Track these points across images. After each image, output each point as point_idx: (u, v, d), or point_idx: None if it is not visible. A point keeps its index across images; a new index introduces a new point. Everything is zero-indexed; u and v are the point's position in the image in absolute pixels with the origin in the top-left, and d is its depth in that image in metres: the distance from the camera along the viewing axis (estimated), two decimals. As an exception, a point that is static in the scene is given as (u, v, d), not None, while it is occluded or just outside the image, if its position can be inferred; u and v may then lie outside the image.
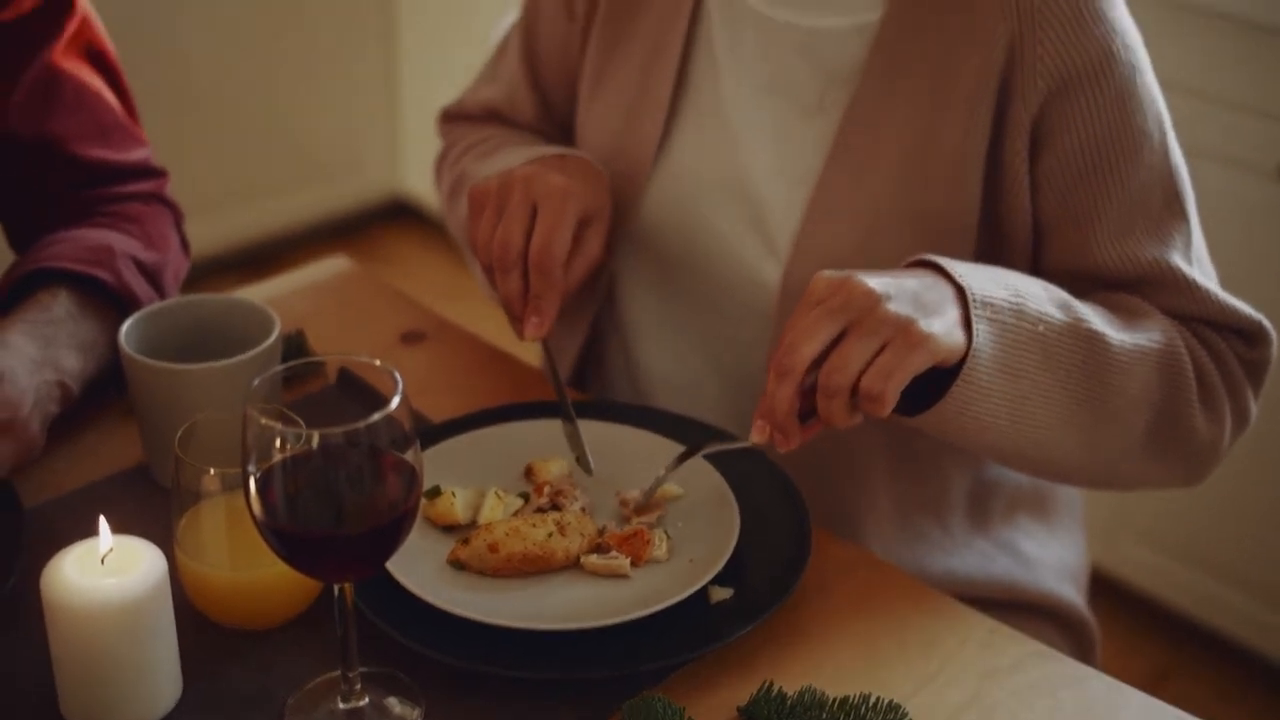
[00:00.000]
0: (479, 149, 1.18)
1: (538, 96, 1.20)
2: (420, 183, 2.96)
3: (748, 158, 1.06)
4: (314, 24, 2.77)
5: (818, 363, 0.86)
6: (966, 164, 0.99)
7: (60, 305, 0.98)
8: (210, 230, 2.70)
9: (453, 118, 1.26)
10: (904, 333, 0.84)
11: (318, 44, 2.79)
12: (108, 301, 1.02)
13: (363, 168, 2.96)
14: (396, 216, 3.03)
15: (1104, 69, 0.97)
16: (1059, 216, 1.01)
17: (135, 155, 1.15)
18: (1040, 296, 0.94)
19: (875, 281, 0.87)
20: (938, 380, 0.90)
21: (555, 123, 1.21)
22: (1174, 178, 1.01)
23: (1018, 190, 1.00)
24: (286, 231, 2.90)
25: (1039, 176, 1.00)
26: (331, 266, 1.29)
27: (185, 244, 1.17)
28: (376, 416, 0.74)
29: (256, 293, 1.23)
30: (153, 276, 1.06)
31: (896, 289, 0.87)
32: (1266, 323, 1.02)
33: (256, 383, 0.77)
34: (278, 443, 0.74)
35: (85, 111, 1.11)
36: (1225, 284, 1.07)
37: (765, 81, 1.05)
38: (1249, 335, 1.02)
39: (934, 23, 0.99)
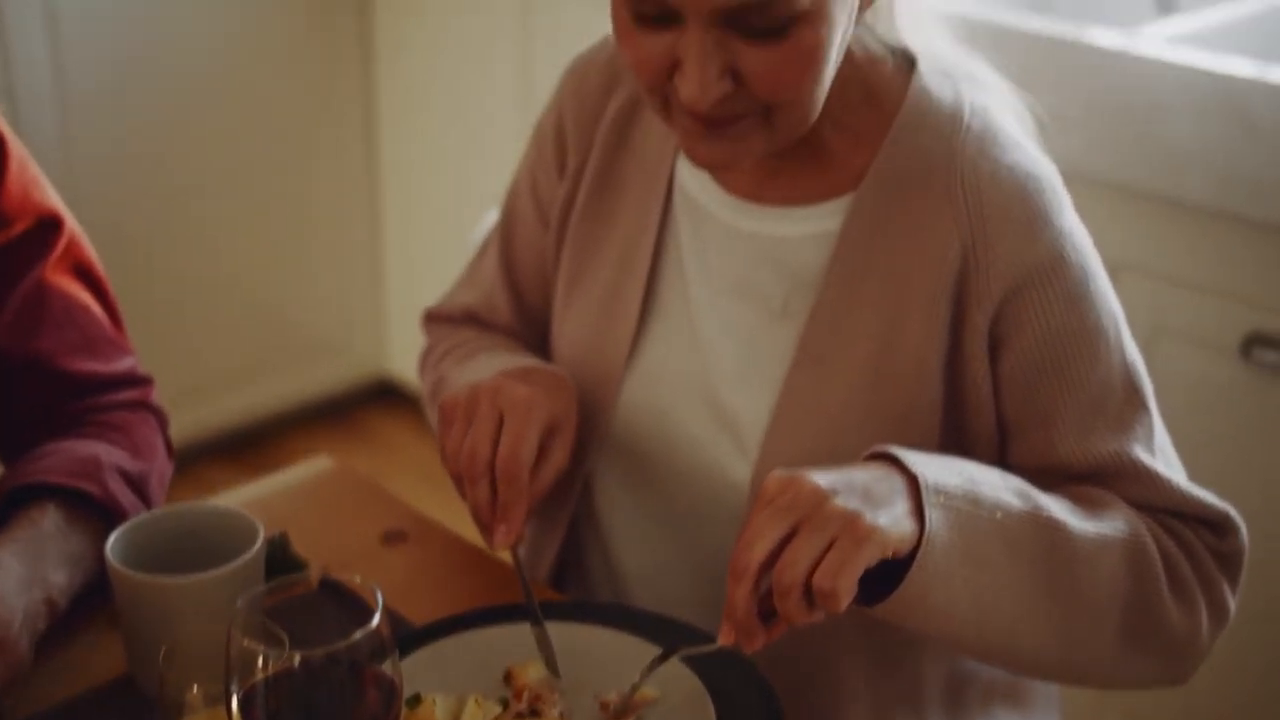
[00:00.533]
0: (456, 353, 1.23)
1: (514, 301, 1.24)
2: (406, 364, 2.99)
3: (716, 361, 1.09)
4: (299, 207, 2.83)
5: (772, 562, 0.87)
6: (927, 367, 1.02)
7: (49, 520, 1.01)
8: (195, 415, 2.73)
9: (435, 319, 1.31)
10: (850, 527, 0.86)
11: (302, 227, 2.85)
12: (95, 514, 1.04)
13: (349, 350, 3.00)
14: (383, 398, 3.06)
15: (1056, 272, 1.01)
16: (1022, 416, 1.04)
17: (121, 365, 1.18)
18: (997, 484, 0.96)
19: (823, 478, 0.89)
20: (903, 571, 0.92)
21: (531, 325, 1.25)
22: (1132, 372, 1.04)
23: (980, 392, 1.03)
24: (272, 415, 2.93)
25: (999, 377, 1.03)
26: (314, 466, 1.32)
27: (170, 448, 1.20)
28: (358, 635, 0.76)
29: (241, 495, 1.25)
30: (139, 486, 1.09)
31: (844, 484, 0.89)
32: (1233, 512, 1.04)
33: (240, 603, 0.79)
34: (260, 661, 0.76)
35: (73, 326, 1.15)
36: (1192, 462, 1.10)
37: (731, 287, 1.09)
38: (1216, 526, 1.04)
39: (891, 231, 1.04)
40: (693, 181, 1.12)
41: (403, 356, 2.98)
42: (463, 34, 2.62)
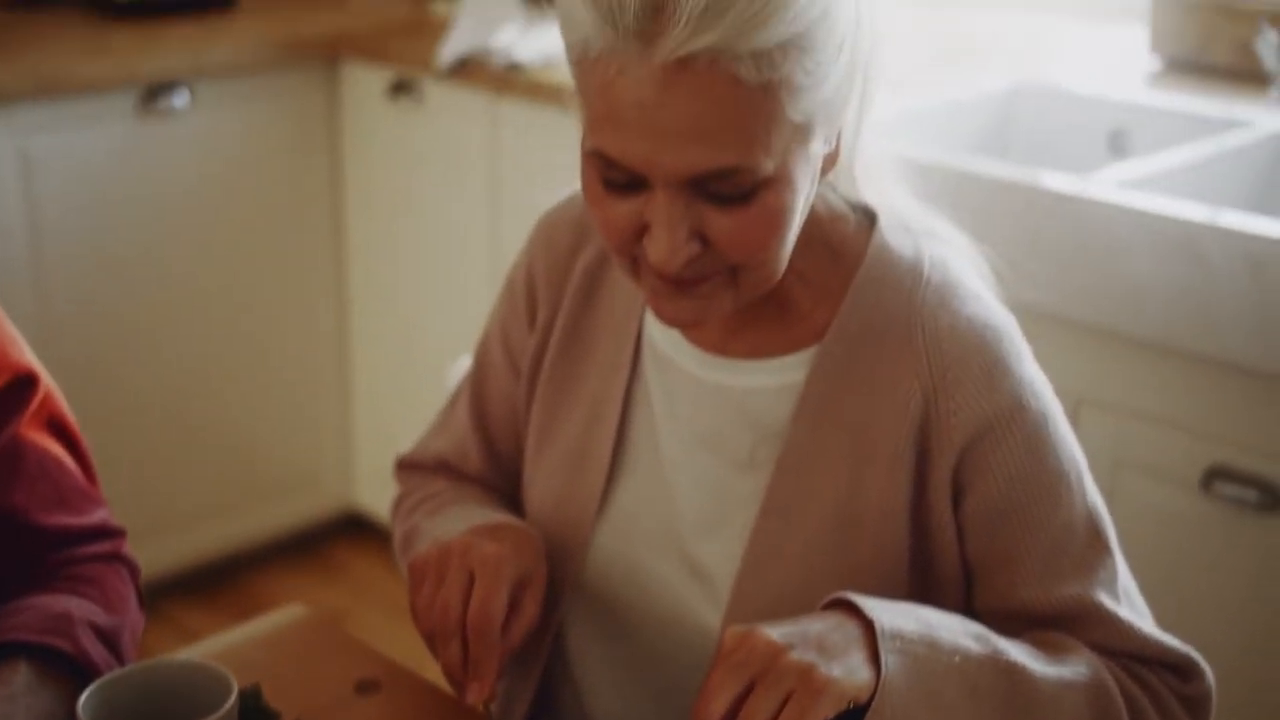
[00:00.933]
0: (428, 505, 1.24)
1: (486, 449, 1.26)
2: (374, 497, 2.99)
3: (685, 511, 1.11)
4: (267, 344, 2.85)
5: (732, 717, 0.88)
6: (893, 514, 1.04)
7: (20, 678, 1.01)
8: (164, 552, 2.72)
9: (408, 467, 1.32)
10: (806, 681, 0.88)
11: (269, 360, 2.86)
12: (67, 671, 1.04)
13: (317, 484, 3.00)
14: (352, 531, 3.05)
15: (1015, 419, 1.04)
16: (984, 558, 1.05)
17: (94, 518, 1.19)
18: (955, 629, 0.97)
19: (778, 632, 0.91)
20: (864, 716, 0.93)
21: (503, 474, 1.27)
22: (1094, 515, 1.06)
23: (944, 535, 1.05)
24: (241, 551, 2.91)
25: (962, 521, 1.05)
26: (287, 614, 1.32)
27: (142, 600, 1.20)
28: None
29: (212, 645, 1.25)
30: (111, 641, 1.09)
31: (800, 637, 0.91)
32: (1196, 655, 1.06)
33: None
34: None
35: (46, 481, 1.16)
36: (1155, 596, 1.11)
37: (700, 439, 1.11)
38: (1181, 670, 1.05)
39: (854, 382, 1.06)
40: (660, 336, 1.14)
41: (371, 490, 2.98)
42: (432, 177, 2.66)
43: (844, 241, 1.09)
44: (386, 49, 2.68)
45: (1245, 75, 2.20)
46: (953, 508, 1.05)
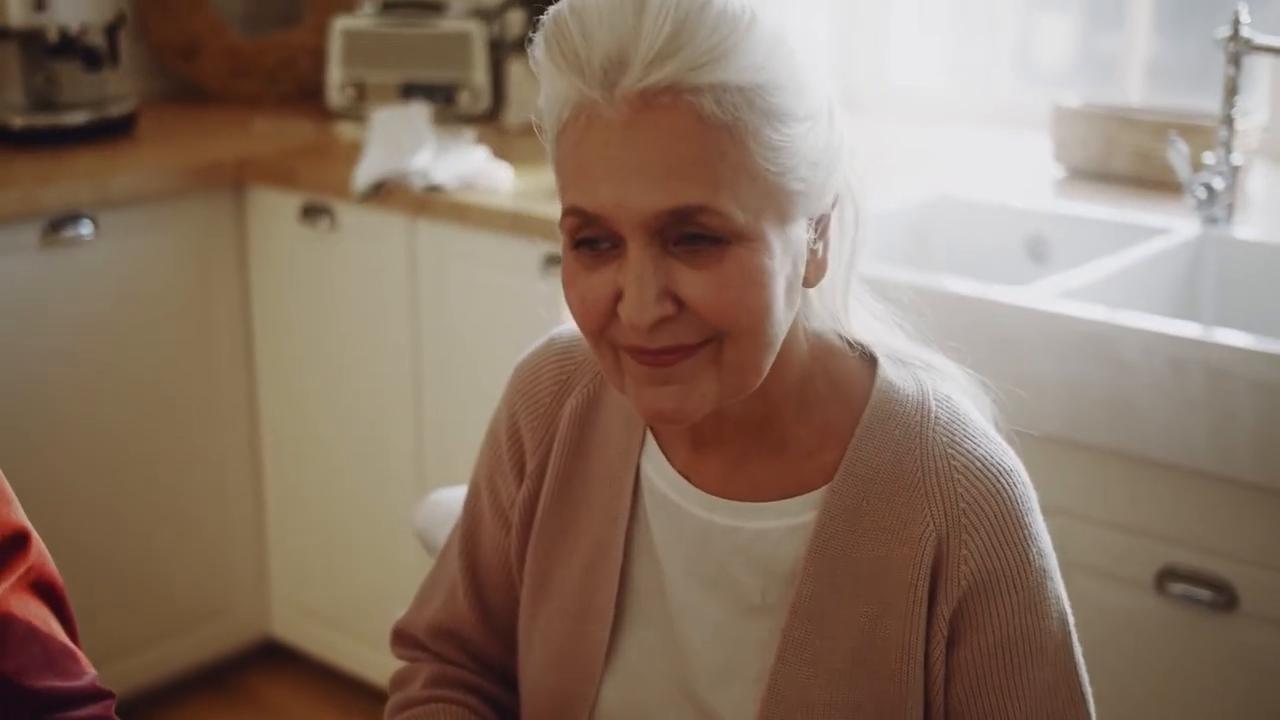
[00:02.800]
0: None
1: (481, 611, 1.23)
2: (290, 624, 2.93)
3: (696, 657, 1.10)
4: (178, 471, 2.78)
5: None
6: (913, 655, 1.05)
7: None
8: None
9: (404, 640, 1.29)
10: None
11: (181, 489, 2.79)
12: None
13: (231, 612, 2.92)
14: (268, 659, 2.98)
15: (1019, 575, 1.05)
16: (966, 709, 1.06)
17: (84, 680, 1.16)
18: None
19: None
20: None
21: (499, 636, 1.24)
22: (1076, 676, 1.09)
23: (936, 674, 1.06)
24: (155, 683, 2.82)
25: (951, 667, 1.06)
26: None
27: None
28: None
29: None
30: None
31: None
32: None
33: None
34: None
35: (36, 644, 1.13)
36: (1111, 695, 1.14)
37: (707, 582, 1.10)
38: None
39: (866, 523, 1.06)
40: (661, 479, 1.12)
41: (286, 617, 2.92)
42: (349, 300, 2.64)
43: (846, 378, 1.10)
44: (294, 173, 2.66)
45: (1146, 182, 2.30)
46: (945, 650, 1.05)
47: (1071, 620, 1.09)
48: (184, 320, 2.73)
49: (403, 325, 2.57)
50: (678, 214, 0.94)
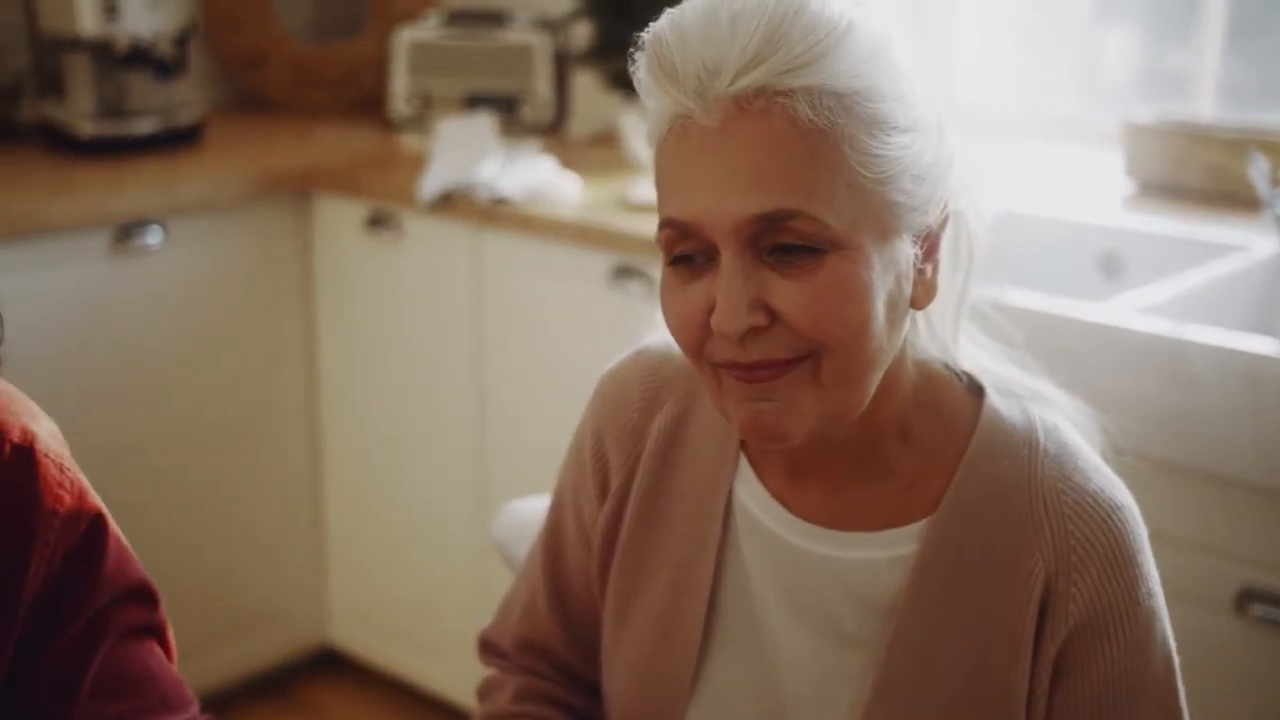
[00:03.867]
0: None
1: (565, 626, 1.22)
2: (348, 633, 2.93)
3: (788, 688, 1.07)
4: (240, 477, 2.80)
5: None
6: (1018, 696, 1.02)
7: None
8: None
9: (491, 650, 1.28)
10: None
11: (243, 496, 2.81)
12: None
13: (290, 619, 2.93)
14: (326, 667, 2.98)
15: (1130, 615, 1.03)
16: None
17: (192, 711, 1.16)
18: None
19: None
20: None
21: (583, 649, 1.22)
22: (1180, 717, 1.07)
23: (1038, 710, 1.04)
24: (213, 689, 2.83)
25: (1054, 706, 1.04)
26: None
27: None
28: None
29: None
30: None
31: None
32: None
33: None
34: None
35: (152, 685, 1.14)
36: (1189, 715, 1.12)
37: (801, 610, 1.07)
38: None
39: (971, 557, 1.04)
40: (755, 503, 1.09)
41: (345, 626, 2.93)
42: (412, 309, 2.65)
43: (952, 407, 1.07)
44: (359, 182, 2.67)
45: (1218, 198, 2.27)
46: (1049, 688, 1.03)
47: (1176, 660, 1.06)
48: (250, 327, 2.74)
49: (467, 335, 2.57)
50: (769, 219, 0.92)
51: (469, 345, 2.57)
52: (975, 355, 1.11)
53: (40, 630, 1.06)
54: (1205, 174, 2.29)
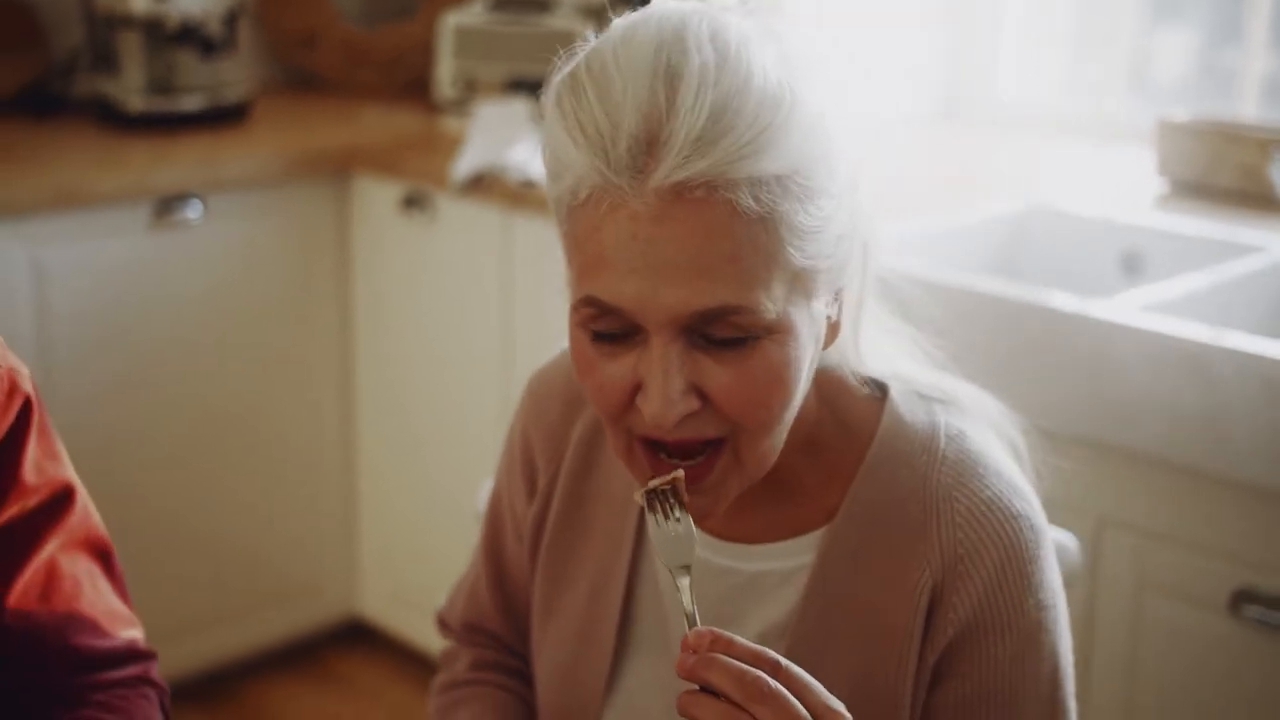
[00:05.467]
0: (443, 702, 1.24)
1: (505, 614, 1.23)
2: (378, 605, 2.98)
3: None
4: (272, 449, 2.85)
5: None
6: (901, 702, 1.02)
7: None
8: (165, 659, 2.67)
9: (445, 628, 1.30)
10: None
11: (275, 468, 2.86)
12: None
13: (320, 591, 2.98)
14: (355, 638, 3.03)
15: (1010, 625, 1.00)
16: None
17: (124, 638, 1.19)
18: None
19: None
20: None
21: (522, 637, 1.23)
22: None
23: (915, 716, 1.03)
24: (243, 657, 2.89)
25: (930, 708, 1.03)
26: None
27: None
28: None
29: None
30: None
31: None
32: None
33: None
34: None
35: (81, 600, 1.16)
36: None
37: (708, 620, 1.04)
38: None
39: (864, 566, 1.03)
40: None
41: (374, 598, 2.97)
42: (443, 290, 2.68)
43: (855, 415, 1.05)
44: (398, 163, 2.71)
45: (1252, 198, 2.25)
46: (927, 691, 1.02)
47: (1068, 678, 1.04)
48: (286, 302, 2.79)
49: (496, 315, 2.60)
50: (708, 315, 0.88)
51: (498, 325, 2.60)
52: (891, 358, 1.08)
53: None
54: (1237, 174, 2.27)
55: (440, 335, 2.72)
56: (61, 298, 2.51)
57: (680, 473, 0.95)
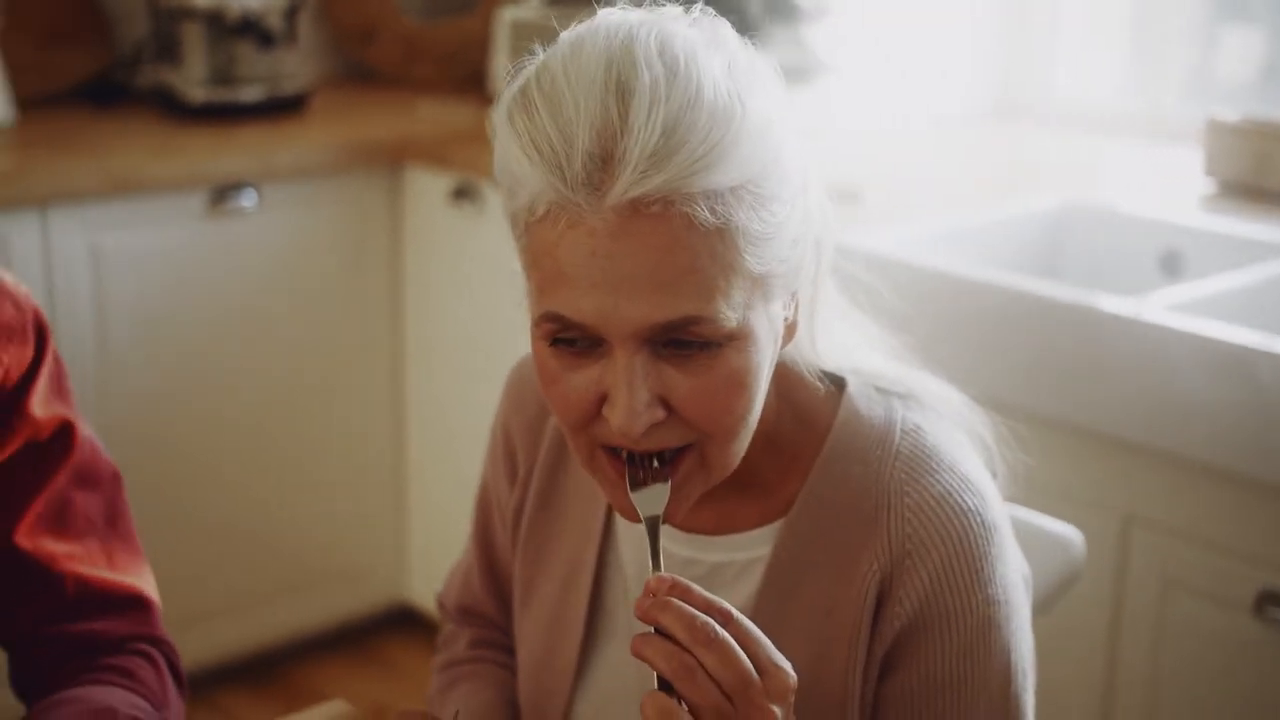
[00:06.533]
0: (446, 675, 1.26)
1: (496, 598, 1.26)
2: (426, 591, 3.01)
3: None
4: (323, 436, 2.89)
5: None
6: (853, 694, 1.02)
7: None
8: (211, 640, 2.75)
9: (443, 609, 1.33)
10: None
11: (326, 454, 2.90)
12: None
13: (369, 577, 3.02)
14: (401, 624, 3.07)
15: (958, 619, 1.00)
16: None
17: (129, 577, 1.21)
18: None
19: None
20: None
21: (511, 619, 1.25)
22: None
23: (866, 706, 1.03)
24: (291, 640, 2.94)
25: (880, 698, 1.03)
26: (330, 710, 1.33)
27: (180, 679, 1.22)
28: None
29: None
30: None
31: None
32: None
33: None
34: None
35: (92, 535, 1.19)
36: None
37: None
38: None
39: (817, 559, 1.03)
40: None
41: (423, 584, 3.00)
42: (492, 281, 2.71)
43: (812, 410, 1.06)
44: (449, 154, 2.74)
45: (1298, 199, 2.22)
46: (877, 681, 1.03)
47: (1023, 674, 1.03)
48: (337, 291, 2.83)
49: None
50: (670, 326, 0.89)
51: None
52: (851, 352, 1.09)
53: None
54: (1285, 174, 2.24)
55: (489, 326, 2.75)
56: (118, 282, 2.57)
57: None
